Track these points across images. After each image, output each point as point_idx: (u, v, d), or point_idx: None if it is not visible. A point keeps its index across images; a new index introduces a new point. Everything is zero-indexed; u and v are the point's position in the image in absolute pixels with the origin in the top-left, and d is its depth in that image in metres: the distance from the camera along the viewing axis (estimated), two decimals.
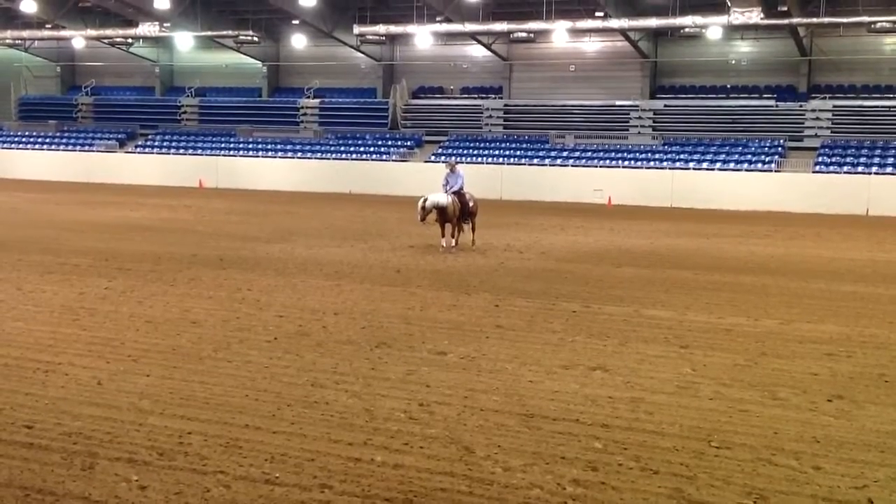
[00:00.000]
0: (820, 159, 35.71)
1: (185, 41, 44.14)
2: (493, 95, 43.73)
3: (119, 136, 46.92)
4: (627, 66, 41.08)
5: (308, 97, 45.52)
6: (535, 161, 38.99)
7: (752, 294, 14.53)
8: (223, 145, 44.49)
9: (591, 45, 41.68)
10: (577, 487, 6.46)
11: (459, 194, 19.58)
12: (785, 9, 33.04)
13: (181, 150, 44.82)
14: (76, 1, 42.31)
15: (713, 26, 34.80)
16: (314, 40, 44.60)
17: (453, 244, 19.41)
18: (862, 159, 35.37)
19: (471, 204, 19.71)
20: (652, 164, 37.38)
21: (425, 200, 19.10)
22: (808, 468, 6.88)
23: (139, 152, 45.51)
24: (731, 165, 36.39)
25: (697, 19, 34.05)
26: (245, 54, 45.71)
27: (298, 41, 44.87)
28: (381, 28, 38.44)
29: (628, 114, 40.15)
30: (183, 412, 7.95)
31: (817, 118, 37.14)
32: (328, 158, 41.79)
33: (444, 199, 19.18)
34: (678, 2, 34.52)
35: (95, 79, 50.16)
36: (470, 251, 19.35)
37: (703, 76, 40.70)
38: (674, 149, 38.19)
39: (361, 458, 6.91)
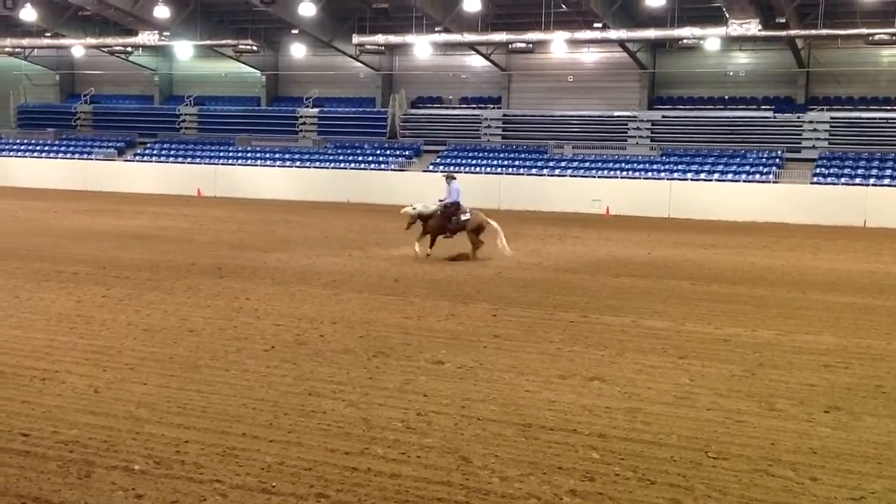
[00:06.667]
0: (818, 171, 35.79)
1: (184, 50, 44.22)
2: (491, 105, 43.81)
3: (118, 144, 46.95)
4: (626, 77, 41.18)
5: (307, 106, 45.58)
6: (534, 171, 39.04)
7: (749, 305, 14.54)
8: (222, 154, 44.53)
9: (590, 56, 41.80)
10: (574, 498, 6.46)
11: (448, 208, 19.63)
12: (783, 20, 33.18)
13: (180, 159, 44.86)
14: (76, 9, 42.37)
15: (711, 38, 34.91)
16: (313, 50, 44.70)
17: (428, 253, 19.58)
18: (860, 171, 35.44)
19: (463, 218, 19.68)
20: (650, 174, 37.44)
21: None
22: (805, 479, 6.88)
23: (138, 161, 45.53)
24: (729, 176, 36.46)
25: (696, 31, 34.16)
26: (244, 63, 45.81)
27: (298, 50, 44.97)
28: (381, 38, 38.53)
29: (626, 124, 40.24)
30: (180, 421, 7.94)
31: (815, 129, 37.23)
32: (327, 167, 41.84)
33: (430, 209, 19.69)
34: (676, 13, 34.66)
35: (95, 87, 50.21)
36: (467, 261, 19.33)
37: (701, 87, 40.80)
38: (672, 159, 38.26)
39: (358, 468, 6.91)
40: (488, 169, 39.61)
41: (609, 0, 35.67)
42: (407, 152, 42.43)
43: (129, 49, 45.25)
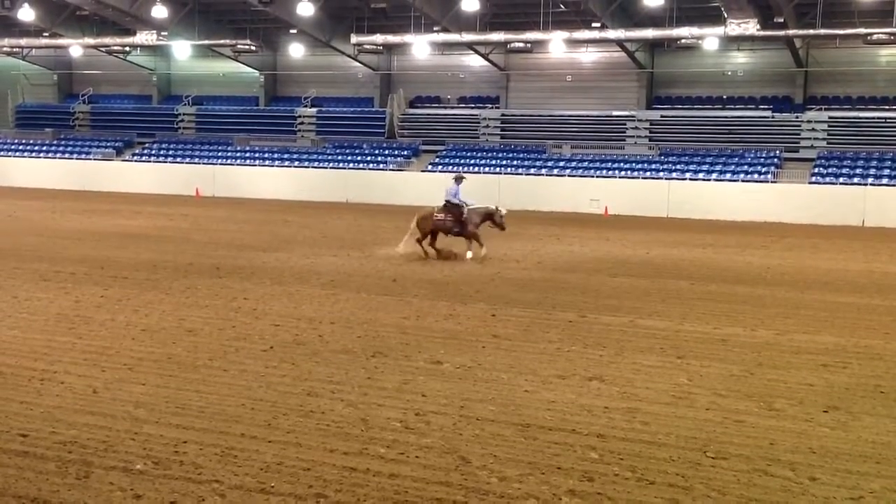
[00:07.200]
0: (816, 170, 35.81)
1: (182, 50, 44.17)
2: (490, 105, 43.80)
3: (116, 144, 46.91)
4: (624, 77, 41.19)
5: (305, 106, 45.56)
6: (532, 171, 39.04)
7: (748, 304, 14.54)
8: (220, 154, 44.50)
9: (588, 56, 41.80)
10: (572, 498, 6.46)
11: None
12: (781, 20, 33.18)
13: (178, 159, 44.82)
14: (74, 9, 42.34)
15: (710, 37, 34.90)
16: (312, 49, 44.69)
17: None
18: (858, 170, 35.46)
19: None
20: (648, 174, 37.44)
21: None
22: (804, 479, 6.89)
23: (136, 161, 45.49)
24: (728, 176, 36.47)
25: (694, 30, 34.16)
26: (242, 63, 45.77)
27: (296, 50, 44.95)
28: (379, 38, 38.51)
29: (625, 124, 40.24)
30: (178, 421, 7.93)
31: (813, 129, 37.25)
32: (325, 167, 41.81)
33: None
34: (675, 13, 34.67)
35: (93, 87, 50.16)
36: (466, 261, 19.33)
37: (699, 87, 40.80)
38: (670, 159, 38.26)
39: (357, 468, 6.90)
40: (487, 169, 39.59)
41: (607, 0, 35.69)
42: (405, 152, 42.41)
43: (128, 49, 45.23)
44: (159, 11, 38.26)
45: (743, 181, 35.84)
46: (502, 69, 42.82)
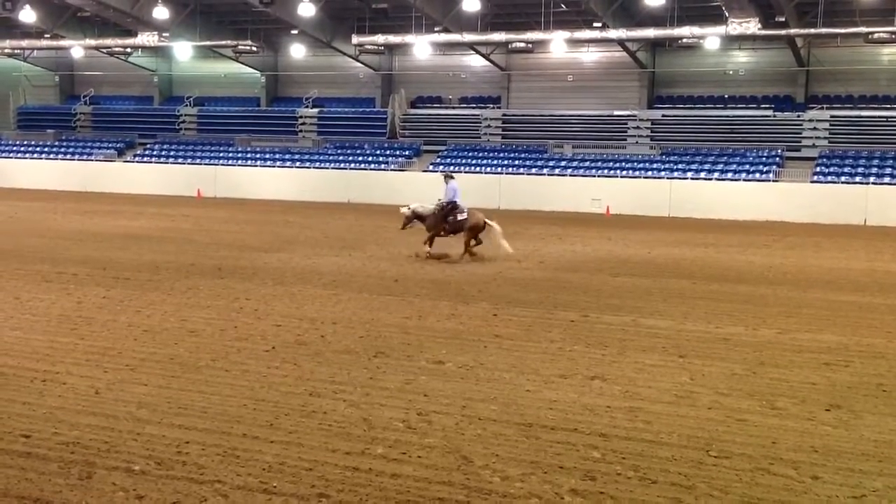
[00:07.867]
0: (818, 169, 35.79)
1: (183, 51, 44.20)
2: (491, 105, 43.81)
3: (118, 145, 46.95)
4: (625, 77, 41.19)
5: (307, 106, 45.59)
6: (534, 171, 39.03)
7: (750, 303, 14.53)
8: (222, 155, 44.52)
9: (590, 56, 41.81)
10: (575, 497, 6.46)
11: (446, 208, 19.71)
12: (783, 19, 33.18)
13: (180, 160, 44.85)
14: (75, 11, 42.39)
15: (711, 37, 34.90)
16: (313, 50, 44.73)
17: (428, 253, 19.58)
18: (860, 169, 35.44)
19: (460, 217, 19.60)
20: (650, 173, 37.43)
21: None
22: (807, 478, 6.88)
23: (138, 162, 45.52)
24: (729, 175, 36.46)
25: (695, 30, 34.16)
26: (244, 64, 45.81)
27: (297, 51, 44.98)
28: (380, 38, 38.54)
29: (626, 124, 40.24)
30: (181, 421, 7.94)
31: (815, 128, 37.24)
32: (327, 168, 41.82)
33: (427, 208, 20.04)
34: (676, 12, 34.66)
35: (94, 88, 50.23)
36: (467, 261, 19.32)
37: (701, 86, 40.80)
38: (672, 158, 38.25)
39: (359, 468, 6.90)
40: (488, 169, 39.60)
41: (608, 0, 35.69)
42: (407, 152, 42.43)
43: (129, 50, 45.27)
44: (160, 12, 38.30)
45: (745, 180, 35.84)
46: (503, 69, 42.83)
